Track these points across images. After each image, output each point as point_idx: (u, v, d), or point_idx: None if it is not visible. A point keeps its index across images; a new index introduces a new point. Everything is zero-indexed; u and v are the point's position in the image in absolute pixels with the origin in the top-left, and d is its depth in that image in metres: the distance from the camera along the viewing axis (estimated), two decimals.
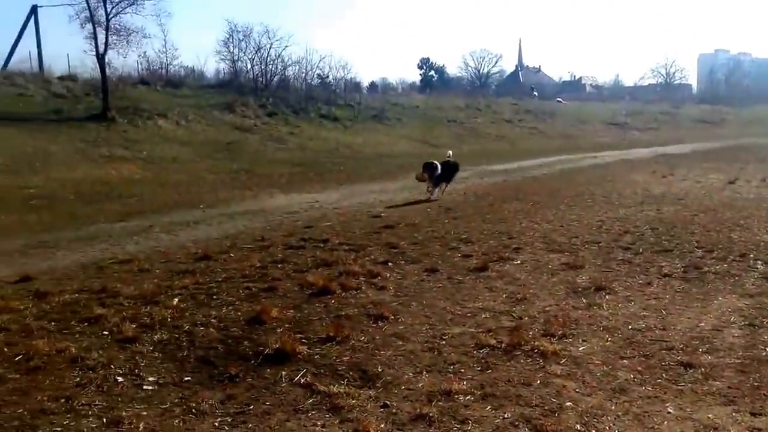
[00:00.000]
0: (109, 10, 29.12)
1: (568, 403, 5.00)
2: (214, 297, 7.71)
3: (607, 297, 7.84)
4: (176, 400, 5.03)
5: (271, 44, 45.23)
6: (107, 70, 30.06)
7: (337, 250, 10.37)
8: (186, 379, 5.44)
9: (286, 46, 59.39)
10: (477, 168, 25.36)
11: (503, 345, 6.19)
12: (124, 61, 43.87)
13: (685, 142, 43.82)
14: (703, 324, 6.88)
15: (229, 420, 4.75)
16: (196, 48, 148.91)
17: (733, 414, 4.86)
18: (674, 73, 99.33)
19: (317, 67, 50.96)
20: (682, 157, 32.03)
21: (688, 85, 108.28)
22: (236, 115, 33.45)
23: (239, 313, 7.09)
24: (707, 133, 54.14)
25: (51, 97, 29.07)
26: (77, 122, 25.90)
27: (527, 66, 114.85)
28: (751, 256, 9.96)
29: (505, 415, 4.81)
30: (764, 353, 6.07)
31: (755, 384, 5.37)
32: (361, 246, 10.63)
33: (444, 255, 10.09)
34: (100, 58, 29.17)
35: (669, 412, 4.87)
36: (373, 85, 69.69)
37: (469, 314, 7.19)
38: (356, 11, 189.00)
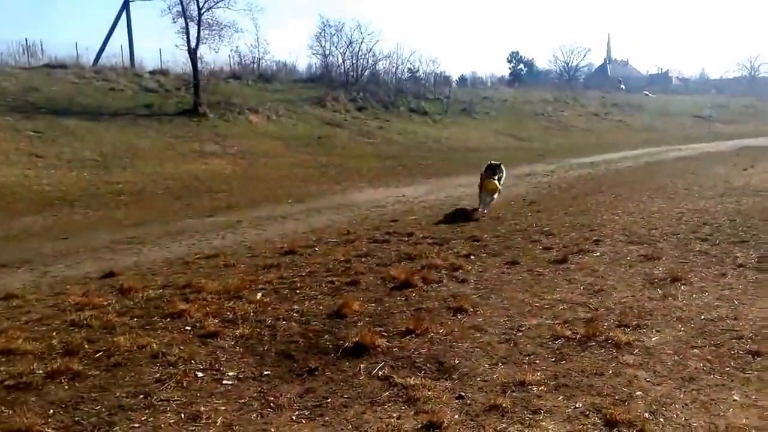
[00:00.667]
0: (201, 4, 29.48)
1: (638, 392, 5.07)
2: (297, 291, 7.77)
3: (682, 288, 7.86)
4: (255, 394, 5.09)
5: (363, 39, 45.60)
6: (199, 64, 30.49)
7: (421, 243, 10.38)
8: (266, 373, 5.50)
9: (377, 41, 59.81)
10: (563, 161, 25.24)
11: (578, 336, 6.24)
12: (216, 55, 44.62)
13: (767, 135, 42.43)
14: None
15: (307, 413, 4.79)
16: (289, 43, 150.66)
17: None
18: (759, 67, 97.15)
19: (407, 61, 51.18)
20: (764, 149, 31.38)
21: None
22: (327, 109, 33.71)
23: (321, 307, 7.15)
24: None
25: (142, 92, 29.50)
26: (168, 117, 26.30)
27: (615, 59, 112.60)
28: None
29: (577, 405, 4.85)
30: None
31: None
32: (445, 239, 10.64)
33: (525, 247, 10.09)
34: (192, 52, 29.53)
35: (735, 400, 4.94)
36: (462, 79, 69.36)
37: (546, 306, 7.21)
38: (449, 5, 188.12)
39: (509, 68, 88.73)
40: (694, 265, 8.90)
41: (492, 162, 13.97)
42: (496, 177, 13.49)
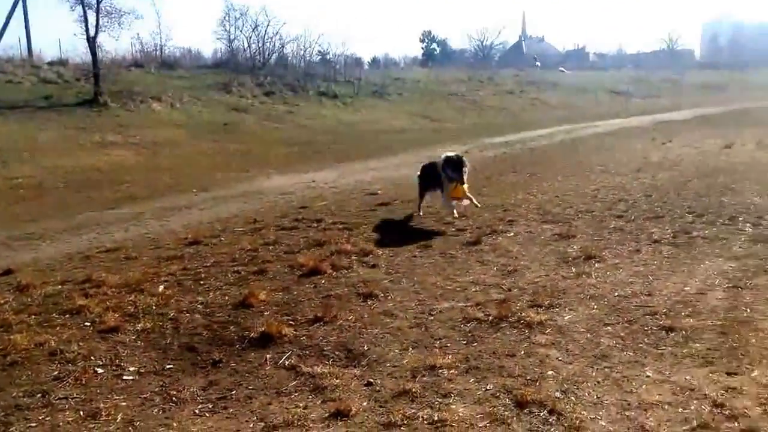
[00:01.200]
0: None
1: (550, 372, 5.09)
2: (202, 282, 7.62)
3: (596, 265, 7.94)
4: (157, 389, 4.99)
5: (269, 22, 45.09)
6: (99, 53, 29.74)
7: (331, 229, 10.28)
8: (168, 367, 5.39)
9: (284, 24, 59.21)
10: (477, 141, 25.24)
11: (490, 318, 6.25)
12: (118, 43, 43.52)
13: (686, 108, 43.49)
14: (688, 288, 7.03)
15: (210, 406, 4.72)
16: (195, 28, 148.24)
17: (710, 375, 5.00)
18: (677, 40, 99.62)
19: (316, 44, 50.82)
20: (682, 123, 31.95)
21: (691, 51, 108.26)
22: (233, 95, 33.13)
23: (226, 298, 7.03)
24: (709, 98, 53.51)
25: (40, 84, 28.49)
26: (68, 108, 25.40)
27: (530, 36, 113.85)
28: (740, 219, 10.11)
29: (487, 387, 4.87)
30: (745, 314, 6.24)
31: (734, 345, 5.53)
32: (355, 224, 10.55)
33: (438, 230, 10.07)
34: (91, 41, 28.72)
35: (648, 376, 5.00)
36: (375, 61, 69.31)
37: (458, 289, 7.21)
38: None
39: (422, 48, 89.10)
40: (609, 242, 9.05)
41: (450, 155, 10.82)
42: (465, 178, 10.58)
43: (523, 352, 5.45)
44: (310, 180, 15.92)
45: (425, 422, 4.40)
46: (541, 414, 4.46)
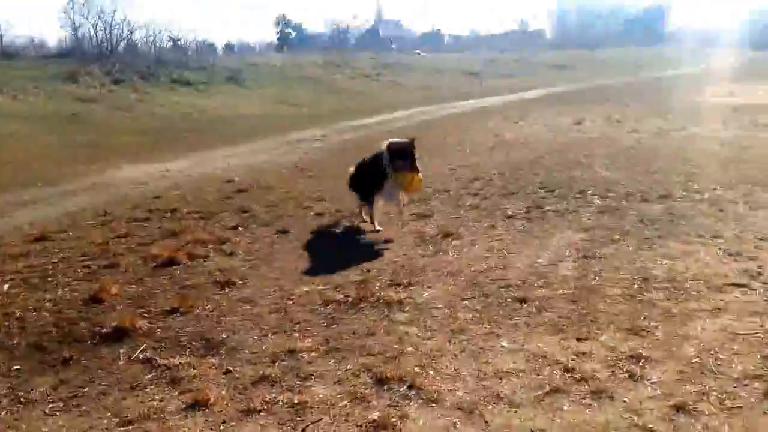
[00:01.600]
0: None
1: (409, 348, 5.19)
2: (49, 279, 7.30)
3: (453, 243, 8.14)
4: (4, 391, 4.77)
5: (115, 8, 43.72)
6: None
7: (186, 219, 10.06)
8: (15, 367, 5.15)
9: (132, 9, 57.45)
10: (336, 125, 25.07)
11: (350, 299, 6.32)
12: None
13: (539, 87, 44.74)
14: (540, 260, 7.32)
15: (61, 405, 4.56)
16: (39, 16, 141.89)
17: (561, 341, 5.23)
18: (528, 22, 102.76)
19: (167, 30, 49.69)
20: (534, 102, 32.80)
21: (542, 32, 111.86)
22: (80, 85, 31.85)
23: (76, 294, 6.76)
24: (561, 77, 55.53)
25: None
26: None
27: (386, 20, 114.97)
28: (589, 192, 10.65)
29: (348, 367, 4.92)
30: (594, 282, 6.57)
31: (583, 312, 5.80)
32: (212, 213, 10.36)
33: (297, 215, 10.08)
34: None
35: (503, 346, 5.18)
36: (229, 47, 68.33)
37: (318, 272, 7.21)
38: None
39: (277, 33, 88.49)
40: (465, 219, 9.31)
41: (395, 141, 8.81)
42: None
43: (382, 331, 5.54)
44: (164, 169, 15.44)
45: (285, 406, 4.40)
46: (401, 389, 4.54)
